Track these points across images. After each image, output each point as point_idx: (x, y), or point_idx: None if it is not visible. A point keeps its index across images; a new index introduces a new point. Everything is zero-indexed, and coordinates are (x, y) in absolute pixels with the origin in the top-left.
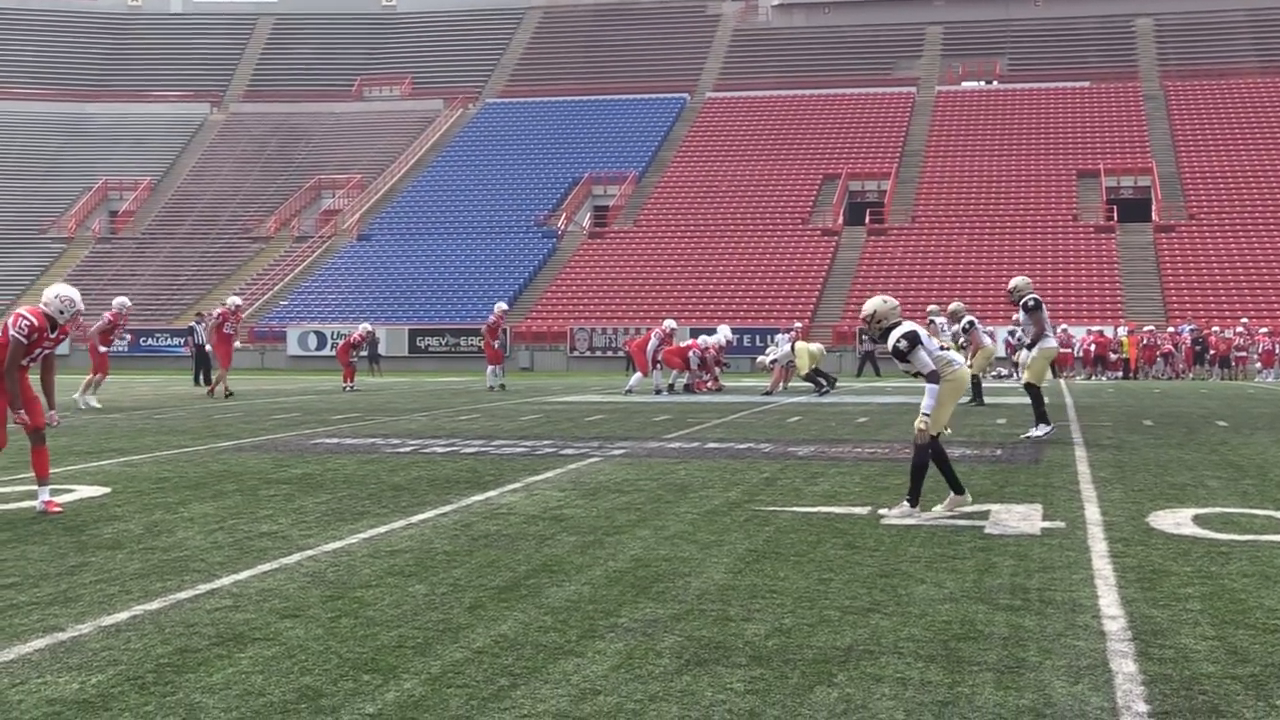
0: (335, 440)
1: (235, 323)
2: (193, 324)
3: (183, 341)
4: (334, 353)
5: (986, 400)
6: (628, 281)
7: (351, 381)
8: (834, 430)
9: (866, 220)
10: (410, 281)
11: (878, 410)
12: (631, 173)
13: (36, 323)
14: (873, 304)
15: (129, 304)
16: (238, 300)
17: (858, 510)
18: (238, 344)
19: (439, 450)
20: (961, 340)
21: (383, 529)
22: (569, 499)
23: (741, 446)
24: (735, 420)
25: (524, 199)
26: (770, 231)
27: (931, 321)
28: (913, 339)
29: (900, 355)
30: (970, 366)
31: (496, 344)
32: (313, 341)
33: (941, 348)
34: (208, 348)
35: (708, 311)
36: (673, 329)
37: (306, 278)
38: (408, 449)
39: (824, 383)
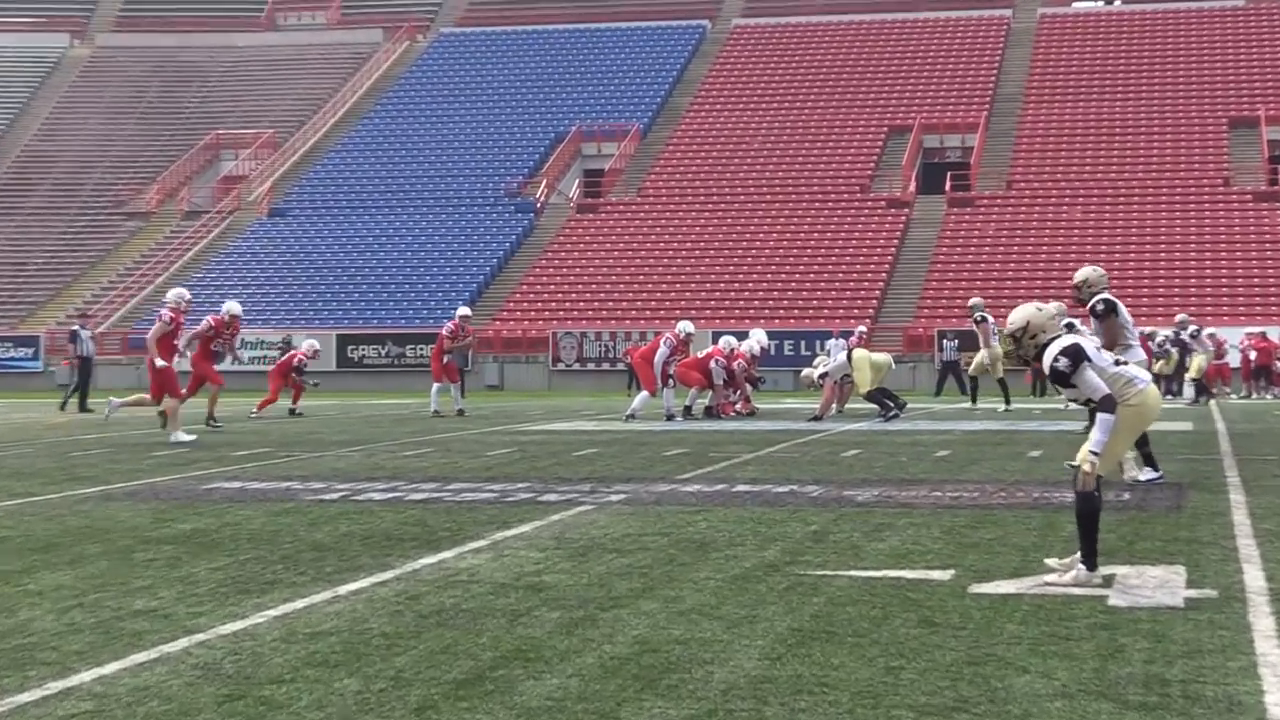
0: (237, 484)
1: (231, 336)
2: (76, 328)
3: (35, 352)
4: (234, 366)
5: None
6: (629, 270)
7: (297, 402)
8: (905, 467)
9: (947, 186)
10: (339, 273)
11: (963, 440)
12: (634, 126)
13: None
14: (1024, 313)
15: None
16: (236, 307)
17: (937, 575)
18: (104, 357)
19: (377, 497)
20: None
21: (300, 604)
22: (551, 561)
23: (781, 490)
24: (773, 454)
25: (491, 161)
26: (818, 203)
27: (983, 320)
28: (1076, 355)
29: (1060, 378)
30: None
31: (449, 358)
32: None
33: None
34: (85, 360)
35: (735, 310)
36: (689, 334)
37: (199, 267)
38: (335, 495)
39: (891, 404)
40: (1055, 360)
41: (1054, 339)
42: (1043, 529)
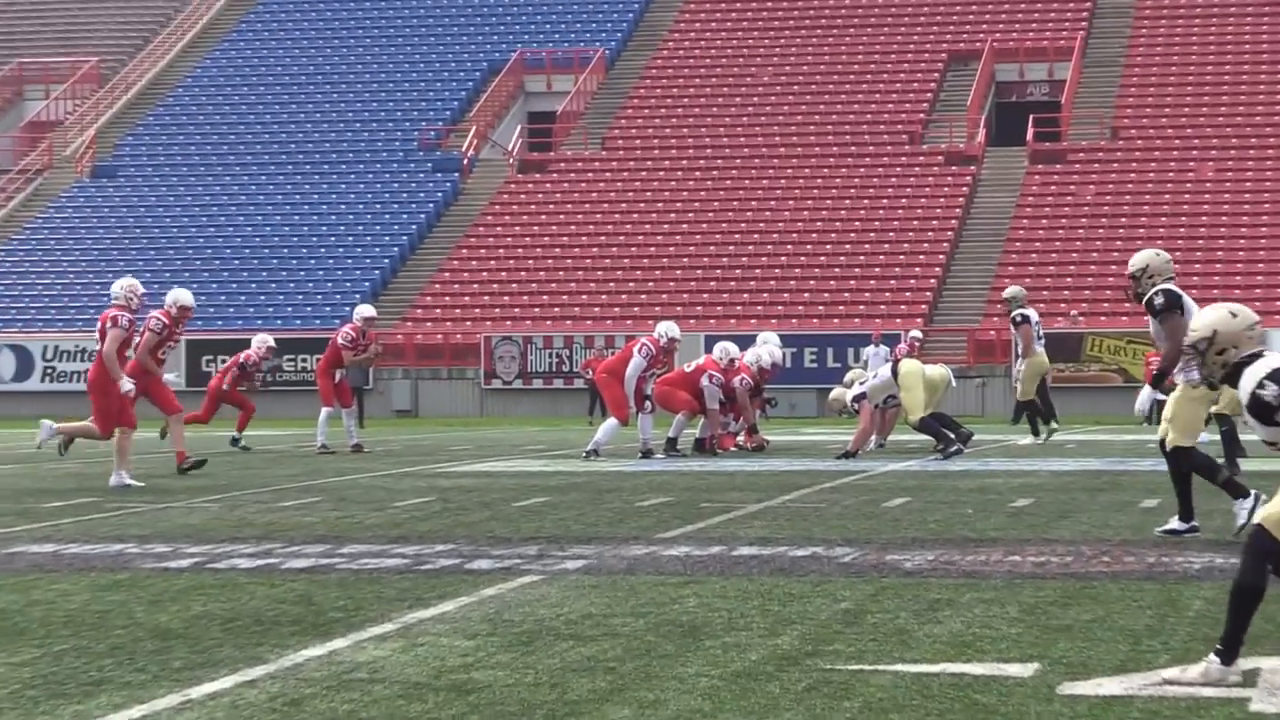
0: (51, 548)
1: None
2: None
3: None
4: (48, 382)
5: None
6: (589, 252)
7: (243, 429)
8: (970, 523)
9: (1029, 136)
10: (188, 255)
11: (1050, 484)
12: (596, 52)
13: None
14: (1211, 319)
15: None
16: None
17: (1014, 670)
18: None
19: (243, 564)
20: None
21: (137, 712)
22: (483, 653)
23: (801, 554)
24: (789, 505)
25: (400, 102)
26: (851, 159)
27: (1024, 319)
28: None
29: (1264, 411)
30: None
31: (343, 374)
32: (10, 364)
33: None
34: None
35: (737, 307)
36: (672, 339)
37: None
38: (185, 562)
39: (951, 436)
40: (1260, 387)
41: (1254, 357)
42: (1160, 606)
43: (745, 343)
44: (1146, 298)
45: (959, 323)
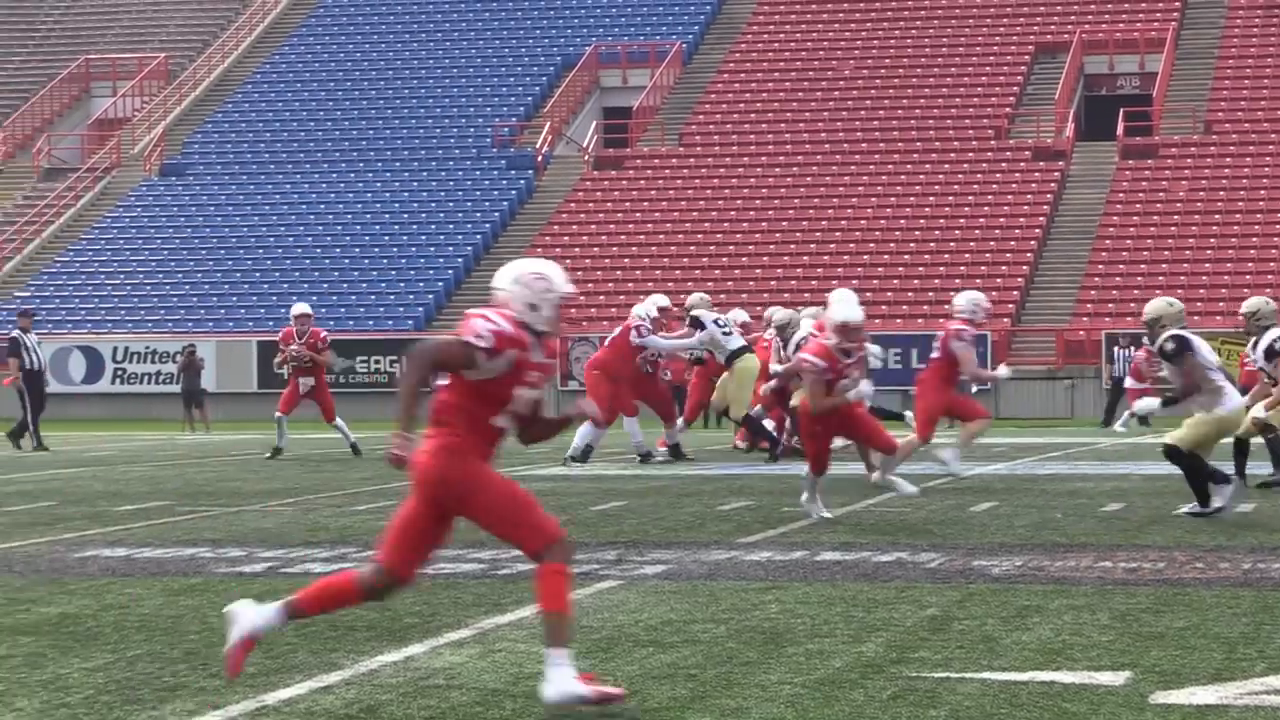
0: (124, 552)
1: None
2: (16, 333)
3: None
4: (118, 384)
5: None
6: (666, 249)
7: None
8: (1059, 527)
9: (1119, 129)
10: (259, 255)
11: (1143, 488)
12: (673, 45)
13: None
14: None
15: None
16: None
17: (1106, 678)
18: None
19: (317, 569)
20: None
21: (211, 719)
22: None
23: (885, 559)
24: (872, 509)
25: (471, 99)
26: (935, 155)
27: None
28: None
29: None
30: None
31: (289, 371)
32: (80, 366)
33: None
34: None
35: (804, 300)
36: (662, 308)
37: (63, 245)
38: (259, 567)
39: (778, 441)
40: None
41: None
42: (1255, 614)
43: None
44: (1159, 344)
45: (1047, 322)
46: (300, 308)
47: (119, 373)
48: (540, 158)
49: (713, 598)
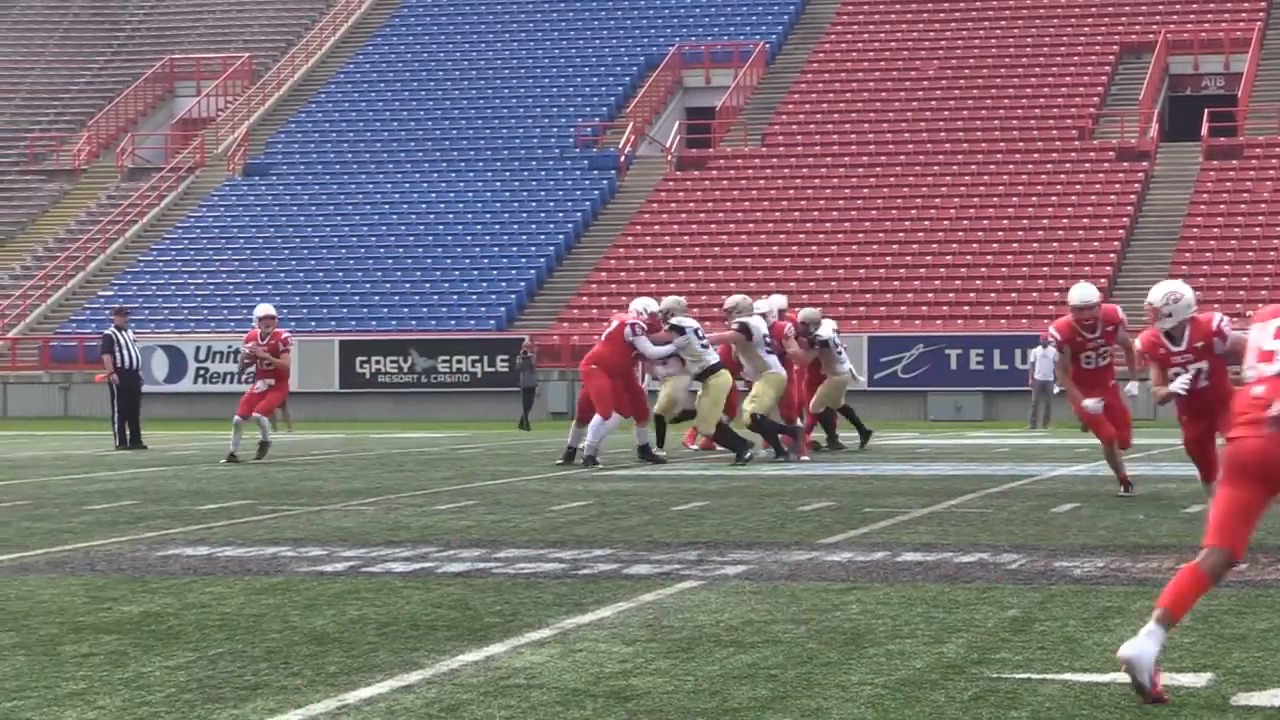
0: (205, 550)
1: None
2: (110, 330)
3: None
4: (201, 384)
5: None
6: (749, 249)
7: None
8: (1142, 528)
9: (1204, 130)
10: (341, 255)
11: None
12: (757, 45)
13: None
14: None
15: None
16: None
17: (1188, 680)
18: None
19: (398, 569)
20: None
21: (293, 717)
22: (643, 659)
23: (967, 560)
24: (954, 510)
25: (556, 98)
26: (1019, 155)
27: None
28: None
29: None
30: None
31: (249, 375)
32: (164, 365)
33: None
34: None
35: (901, 307)
36: (653, 313)
37: (147, 245)
38: (340, 566)
39: (746, 444)
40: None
41: None
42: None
43: (899, 343)
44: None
45: (1132, 325)
46: (264, 309)
47: (201, 372)
48: (623, 158)
49: (793, 598)
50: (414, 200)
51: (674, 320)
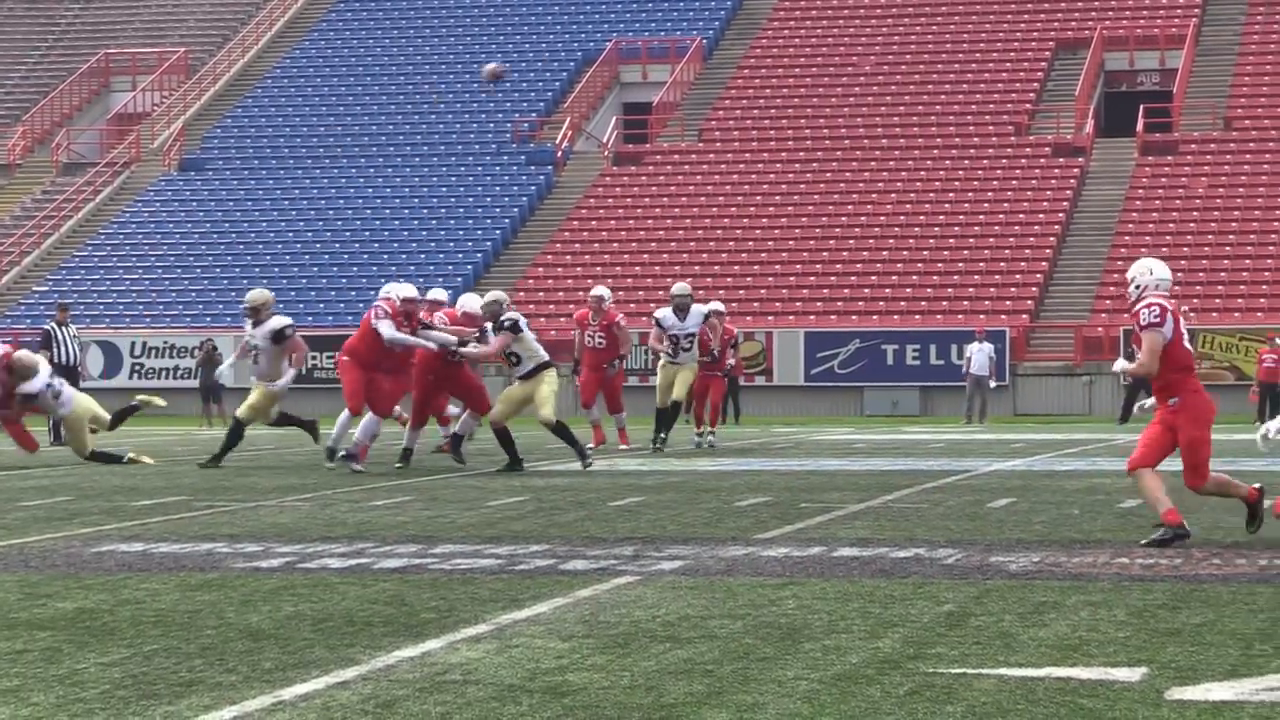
0: (140, 547)
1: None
2: (50, 326)
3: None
4: (136, 379)
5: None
6: (687, 246)
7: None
8: (1078, 524)
9: (1139, 126)
10: (277, 250)
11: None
12: (693, 41)
13: None
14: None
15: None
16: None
17: (1122, 674)
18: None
19: (334, 564)
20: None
21: (228, 714)
22: (578, 654)
23: (903, 555)
24: (891, 505)
25: (491, 95)
26: (955, 151)
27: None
28: None
29: None
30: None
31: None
32: (98, 360)
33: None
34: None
35: (837, 302)
36: (406, 299)
37: (81, 241)
38: (275, 562)
39: (582, 448)
40: None
41: None
42: (1273, 610)
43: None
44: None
45: (1065, 317)
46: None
47: (137, 367)
48: (560, 154)
49: (730, 593)
50: (350, 196)
51: (509, 317)
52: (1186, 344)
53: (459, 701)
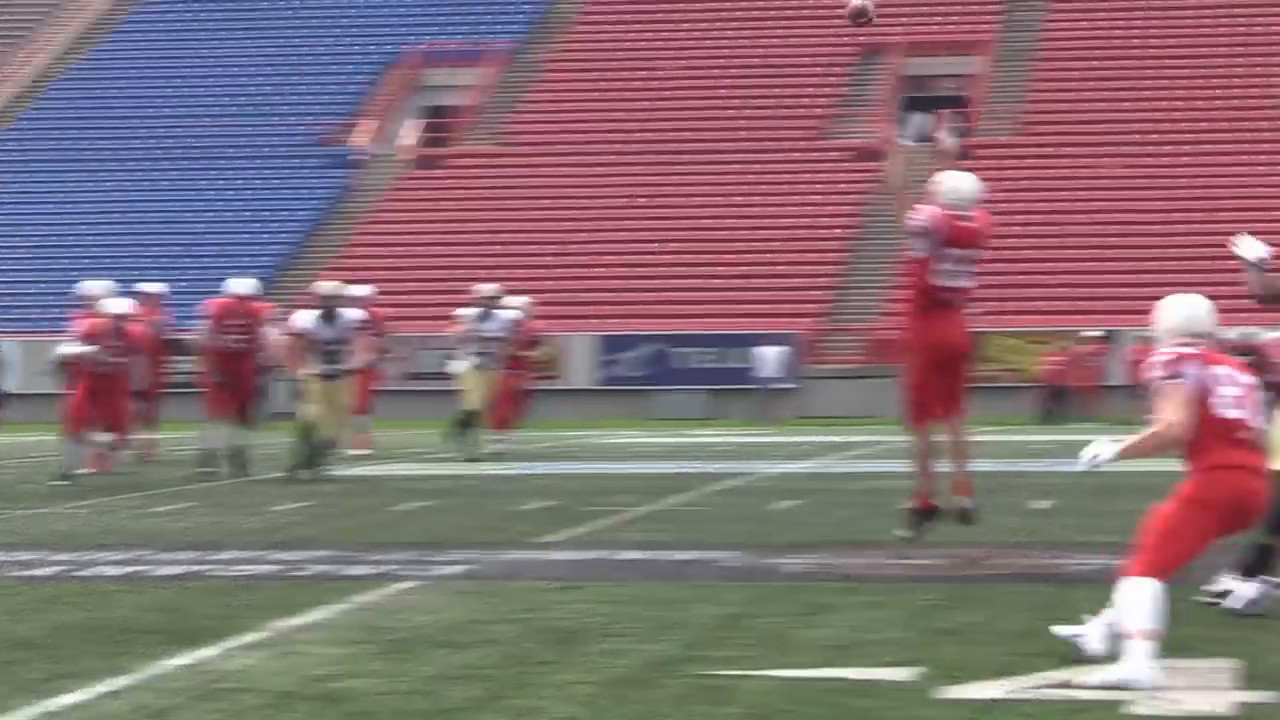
0: None
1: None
2: None
3: None
4: None
5: None
6: (489, 250)
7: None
8: (859, 523)
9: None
10: (76, 254)
11: (941, 487)
12: (497, 44)
13: None
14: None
15: None
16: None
17: (894, 674)
18: None
19: (110, 572)
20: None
21: None
22: (356, 660)
23: (683, 557)
24: (674, 509)
25: (290, 97)
26: (757, 155)
27: None
28: None
29: None
30: None
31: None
32: None
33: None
34: None
35: (639, 305)
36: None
37: None
38: (48, 570)
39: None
40: None
41: None
42: (1044, 609)
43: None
44: None
45: (857, 320)
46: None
47: None
48: (360, 156)
49: (510, 597)
50: (148, 198)
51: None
52: None
53: (233, 709)
